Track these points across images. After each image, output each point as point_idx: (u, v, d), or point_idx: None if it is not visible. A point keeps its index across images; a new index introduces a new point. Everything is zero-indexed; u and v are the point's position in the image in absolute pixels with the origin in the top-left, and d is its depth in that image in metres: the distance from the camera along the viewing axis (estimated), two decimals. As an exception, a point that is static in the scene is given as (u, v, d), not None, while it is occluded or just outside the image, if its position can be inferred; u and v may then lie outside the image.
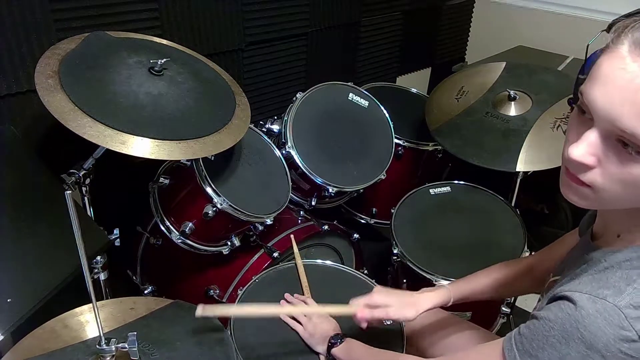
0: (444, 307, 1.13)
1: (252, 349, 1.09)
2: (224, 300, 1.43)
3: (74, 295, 0.98)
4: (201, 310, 0.97)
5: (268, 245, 1.47)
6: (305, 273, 1.28)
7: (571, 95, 0.66)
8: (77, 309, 1.00)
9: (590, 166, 0.61)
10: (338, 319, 1.13)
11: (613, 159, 0.59)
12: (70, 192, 0.69)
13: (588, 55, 0.63)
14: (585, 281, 0.65)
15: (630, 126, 0.55)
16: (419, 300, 1.07)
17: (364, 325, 1.07)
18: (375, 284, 1.27)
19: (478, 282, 1.11)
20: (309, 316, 1.13)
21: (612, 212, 0.71)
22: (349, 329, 1.11)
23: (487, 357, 0.73)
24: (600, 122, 0.59)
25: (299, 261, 1.33)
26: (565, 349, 0.62)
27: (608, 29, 0.62)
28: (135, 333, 0.87)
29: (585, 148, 0.60)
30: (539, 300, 0.89)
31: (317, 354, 1.09)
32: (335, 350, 1.04)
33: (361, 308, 1.05)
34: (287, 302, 1.20)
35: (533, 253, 1.45)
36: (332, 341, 1.05)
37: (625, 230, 0.69)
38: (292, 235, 1.47)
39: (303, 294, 1.23)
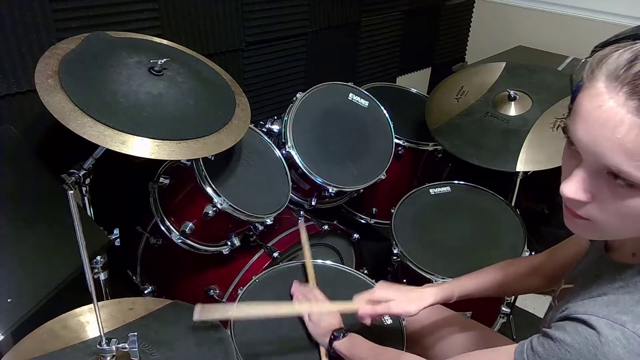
0: (446, 304, 1.12)
1: (251, 346, 1.09)
2: (224, 300, 1.43)
3: (74, 295, 0.98)
4: (198, 313, 0.98)
5: (268, 245, 1.47)
6: (311, 264, 1.28)
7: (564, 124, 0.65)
8: (76, 310, 0.99)
9: (584, 202, 0.61)
10: (344, 321, 1.13)
11: (606, 193, 0.59)
12: (72, 192, 0.69)
13: (574, 86, 0.62)
14: (601, 303, 0.64)
15: (615, 163, 0.55)
16: (422, 295, 1.06)
17: (368, 321, 1.07)
18: (375, 283, 1.27)
19: (482, 279, 1.10)
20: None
21: None
22: (351, 325, 1.11)
23: None
24: (587, 159, 0.59)
25: (307, 253, 1.31)
26: None
27: (591, 55, 0.61)
28: (136, 333, 0.87)
29: (576, 185, 0.60)
30: (550, 307, 0.88)
31: (317, 346, 1.08)
32: (337, 344, 1.03)
33: (363, 304, 1.05)
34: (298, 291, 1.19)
35: (534, 254, 1.46)
36: (335, 334, 1.04)
37: None
38: (303, 227, 1.44)
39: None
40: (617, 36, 0.59)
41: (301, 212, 1.64)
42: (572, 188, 0.60)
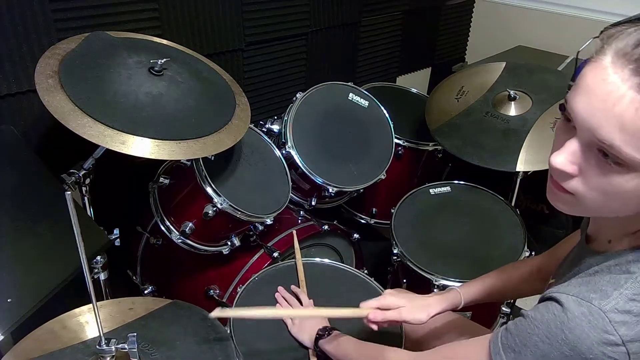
0: (454, 310, 1.12)
1: (251, 345, 1.09)
2: (224, 299, 1.43)
3: (74, 295, 0.98)
4: (216, 313, 1.00)
5: (268, 245, 1.47)
6: (303, 269, 1.29)
7: (563, 101, 0.66)
8: (76, 310, 0.99)
9: (571, 174, 0.62)
10: (331, 321, 1.12)
11: (594, 168, 0.60)
12: (70, 192, 0.69)
13: (578, 64, 0.64)
14: (574, 284, 0.66)
15: (609, 138, 0.56)
16: (431, 303, 1.06)
17: (375, 327, 1.06)
18: (374, 281, 1.28)
19: (487, 285, 1.10)
20: None
21: (603, 218, 0.71)
22: (341, 329, 1.11)
23: (474, 348, 0.75)
24: (581, 132, 0.60)
25: (299, 256, 1.33)
26: (547, 348, 0.63)
27: (599, 36, 0.62)
28: (136, 334, 0.87)
29: (566, 156, 0.61)
30: None
31: (307, 348, 1.09)
32: (322, 342, 1.04)
33: (373, 310, 1.05)
34: (281, 296, 1.21)
35: (534, 254, 1.46)
36: (320, 333, 1.05)
37: (616, 236, 0.69)
38: (294, 231, 1.47)
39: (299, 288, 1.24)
40: (630, 18, 0.60)
41: (301, 212, 1.64)
42: (561, 159, 0.61)
